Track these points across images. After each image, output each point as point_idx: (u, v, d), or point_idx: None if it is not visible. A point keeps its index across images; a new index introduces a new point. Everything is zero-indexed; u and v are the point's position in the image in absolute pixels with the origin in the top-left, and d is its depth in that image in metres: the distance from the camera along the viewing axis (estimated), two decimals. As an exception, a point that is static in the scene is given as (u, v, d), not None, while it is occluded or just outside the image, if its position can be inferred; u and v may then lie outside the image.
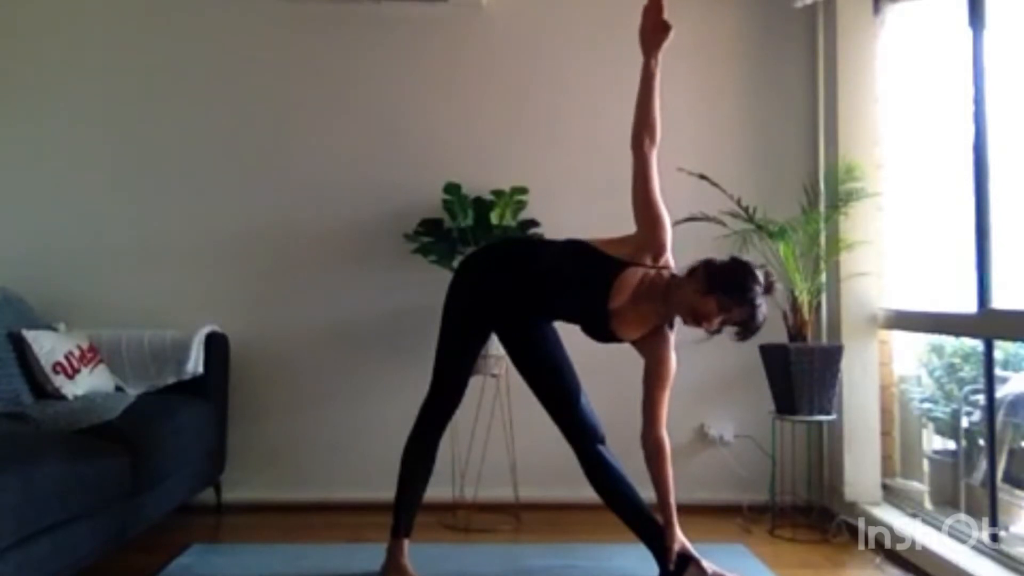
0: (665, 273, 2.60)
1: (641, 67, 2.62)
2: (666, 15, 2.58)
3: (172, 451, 3.07)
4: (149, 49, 3.88)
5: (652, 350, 2.65)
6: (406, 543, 2.77)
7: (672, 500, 2.65)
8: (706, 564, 2.63)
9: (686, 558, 2.64)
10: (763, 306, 2.52)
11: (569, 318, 2.73)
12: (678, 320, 2.63)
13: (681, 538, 2.64)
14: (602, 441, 2.75)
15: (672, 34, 2.60)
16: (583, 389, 2.78)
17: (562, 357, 2.80)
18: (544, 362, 2.79)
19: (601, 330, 2.65)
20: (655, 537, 2.68)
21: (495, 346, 3.04)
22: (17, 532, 2.16)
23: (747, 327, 2.53)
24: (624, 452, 2.77)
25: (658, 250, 2.61)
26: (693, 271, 2.55)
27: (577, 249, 2.67)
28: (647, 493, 2.73)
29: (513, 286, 2.71)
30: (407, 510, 2.79)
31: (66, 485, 2.39)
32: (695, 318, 2.51)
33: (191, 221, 3.84)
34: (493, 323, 2.80)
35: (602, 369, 3.03)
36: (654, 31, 2.61)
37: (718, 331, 2.54)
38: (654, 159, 2.62)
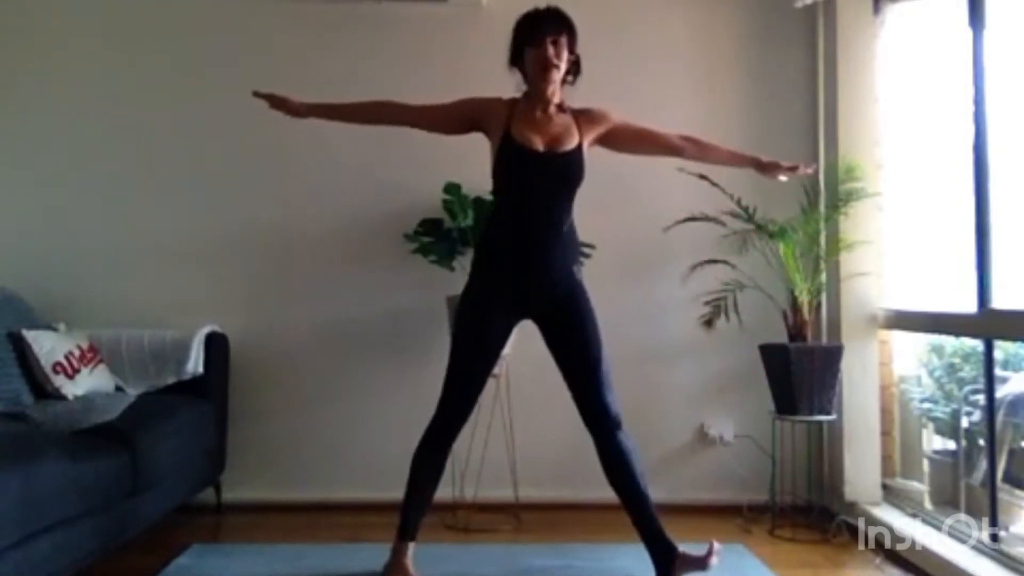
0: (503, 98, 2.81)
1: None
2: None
3: (172, 451, 3.07)
4: (149, 49, 3.88)
5: (606, 133, 2.84)
6: (411, 546, 2.76)
7: (738, 151, 3.04)
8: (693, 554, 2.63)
9: (671, 554, 2.65)
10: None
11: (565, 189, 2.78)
12: None
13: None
14: (619, 427, 2.71)
15: None
16: (611, 374, 2.74)
17: (596, 341, 2.73)
18: (580, 343, 2.73)
19: (574, 161, 2.73)
20: (654, 538, 2.68)
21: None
22: (17, 532, 2.16)
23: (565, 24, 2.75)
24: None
25: (457, 120, 2.87)
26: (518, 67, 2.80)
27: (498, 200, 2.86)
28: (658, 492, 2.75)
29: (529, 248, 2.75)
30: (414, 513, 2.77)
31: (66, 485, 2.39)
32: (553, 63, 2.72)
33: (191, 221, 3.84)
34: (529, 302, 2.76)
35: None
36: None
37: (573, 61, 2.80)
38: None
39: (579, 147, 2.76)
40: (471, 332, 2.75)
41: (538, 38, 2.72)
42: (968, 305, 2.95)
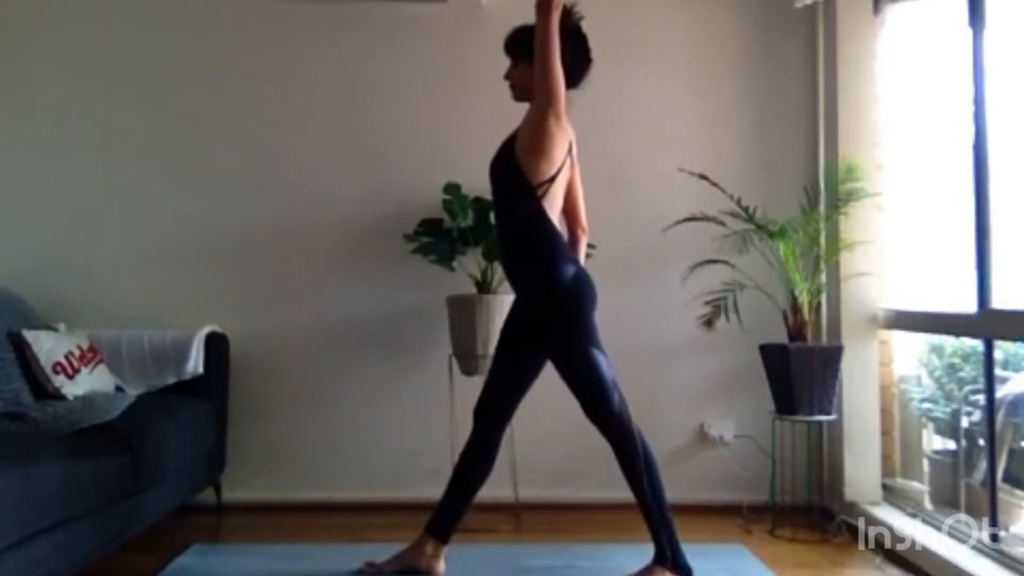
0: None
1: None
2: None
3: (172, 451, 3.07)
4: (148, 49, 3.88)
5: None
6: (444, 549, 2.81)
7: None
8: None
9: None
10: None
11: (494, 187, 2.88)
12: None
13: None
14: (610, 428, 2.75)
15: None
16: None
17: (558, 354, 2.76)
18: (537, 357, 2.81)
19: (496, 158, 2.84)
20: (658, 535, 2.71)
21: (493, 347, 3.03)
22: (17, 532, 2.16)
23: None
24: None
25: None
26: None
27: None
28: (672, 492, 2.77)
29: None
30: (441, 509, 2.82)
31: (66, 485, 2.39)
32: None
33: (191, 221, 3.84)
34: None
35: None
36: None
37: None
38: None
39: (506, 143, 2.82)
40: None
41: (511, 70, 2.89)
42: (968, 305, 2.95)
